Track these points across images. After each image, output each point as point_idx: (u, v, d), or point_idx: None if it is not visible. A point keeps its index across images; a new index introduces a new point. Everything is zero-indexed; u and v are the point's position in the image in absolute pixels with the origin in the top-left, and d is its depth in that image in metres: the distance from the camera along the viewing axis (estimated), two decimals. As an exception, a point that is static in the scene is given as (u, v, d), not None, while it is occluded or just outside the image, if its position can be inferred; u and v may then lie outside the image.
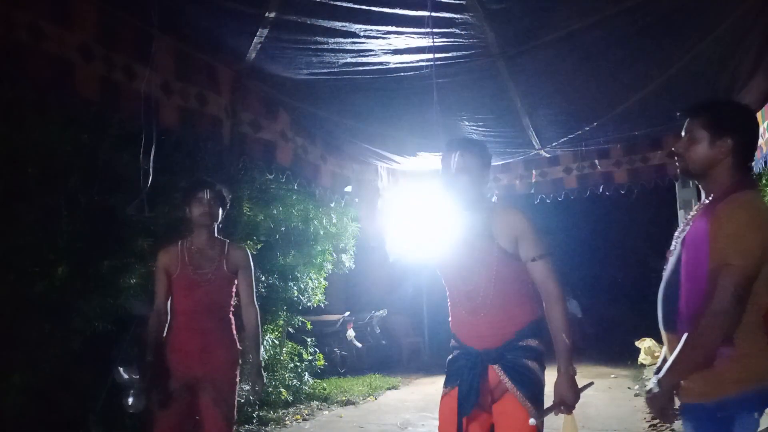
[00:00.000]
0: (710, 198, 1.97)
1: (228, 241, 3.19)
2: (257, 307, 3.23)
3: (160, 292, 3.02)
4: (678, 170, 2.07)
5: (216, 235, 3.14)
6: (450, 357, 2.51)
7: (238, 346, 3.16)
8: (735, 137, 1.93)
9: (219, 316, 3.05)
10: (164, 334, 2.98)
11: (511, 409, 2.23)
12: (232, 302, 3.16)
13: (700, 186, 2.04)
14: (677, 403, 1.95)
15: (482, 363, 2.31)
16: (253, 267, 3.24)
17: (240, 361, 3.17)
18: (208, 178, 3.24)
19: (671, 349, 1.93)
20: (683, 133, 2.03)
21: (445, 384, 2.48)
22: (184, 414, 2.94)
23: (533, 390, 2.25)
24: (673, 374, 1.88)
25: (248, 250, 3.32)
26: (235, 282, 3.14)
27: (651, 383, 1.93)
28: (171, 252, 3.05)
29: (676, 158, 2.07)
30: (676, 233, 2.04)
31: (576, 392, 2.19)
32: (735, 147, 1.93)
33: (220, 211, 3.11)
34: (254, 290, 3.24)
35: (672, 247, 2.02)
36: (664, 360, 2.03)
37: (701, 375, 1.83)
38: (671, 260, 2.00)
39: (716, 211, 1.86)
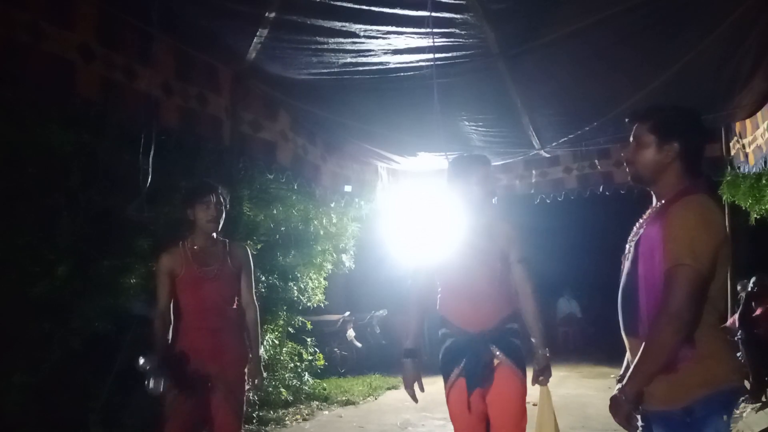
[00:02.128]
0: (662, 202, 1.95)
1: (227, 240, 3.20)
2: (257, 304, 3.24)
3: (162, 294, 2.99)
4: (629, 177, 2.06)
5: (216, 235, 3.14)
6: (445, 346, 2.86)
7: (246, 343, 3.17)
8: (681, 141, 1.91)
9: (227, 314, 3.06)
10: (170, 336, 2.98)
11: (507, 377, 2.73)
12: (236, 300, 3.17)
13: (652, 192, 2.02)
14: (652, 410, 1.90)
15: (484, 343, 2.74)
16: (252, 265, 3.26)
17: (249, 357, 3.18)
18: (212, 181, 3.22)
19: (634, 355, 1.91)
20: (631, 139, 2.01)
21: (447, 373, 2.81)
22: (194, 413, 2.95)
23: (520, 360, 2.78)
24: (636, 381, 1.84)
25: (248, 248, 3.33)
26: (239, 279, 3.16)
27: (616, 391, 1.90)
28: (173, 253, 3.03)
29: (625, 165, 2.05)
30: (630, 237, 2.02)
31: (549, 368, 2.81)
32: (682, 151, 1.91)
33: (223, 213, 3.11)
34: (254, 288, 3.25)
35: (626, 251, 2.00)
36: (627, 367, 2.00)
37: (666, 380, 1.80)
38: (626, 264, 1.98)
39: (668, 213, 1.84)
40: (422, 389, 2.89)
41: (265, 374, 6.33)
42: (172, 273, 2.98)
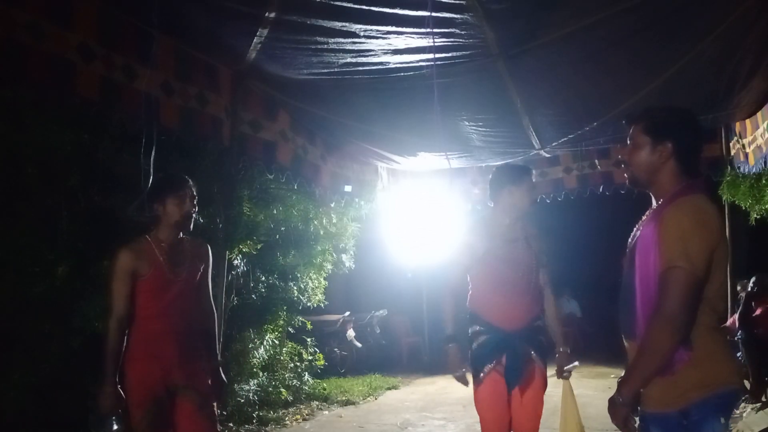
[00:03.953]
0: (659, 203, 1.95)
1: (188, 237, 2.89)
2: (215, 308, 3.01)
3: (121, 299, 2.62)
4: (626, 180, 2.07)
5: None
6: (477, 343, 3.00)
7: (213, 348, 2.96)
8: (674, 141, 1.91)
9: (194, 318, 2.80)
10: (127, 344, 2.67)
11: (534, 371, 2.98)
12: None
13: (650, 193, 2.02)
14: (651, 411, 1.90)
15: (519, 340, 2.95)
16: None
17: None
18: (185, 175, 2.90)
19: (632, 357, 1.91)
20: (627, 141, 2.03)
21: (479, 367, 2.96)
22: (166, 424, 2.71)
23: (545, 356, 3.03)
24: (632, 383, 1.84)
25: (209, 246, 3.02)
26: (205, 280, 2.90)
27: (614, 393, 1.89)
28: (138, 250, 2.68)
29: (622, 167, 2.07)
30: (630, 239, 2.02)
31: (571, 362, 3.07)
32: (675, 151, 1.91)
33: (196, 209, 2.86)
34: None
35: (626, 254, 2.00)
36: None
37: (663, 382, 1.80)
38: (626, 267, 1.98)
39: (663, 215, 1.84)
40: (466, 372, 3.08)
41: (264, 374, 6.39)
42: (135, 273, 2.64)
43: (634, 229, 2.02)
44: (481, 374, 2.94)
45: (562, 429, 2.97)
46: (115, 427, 2.55)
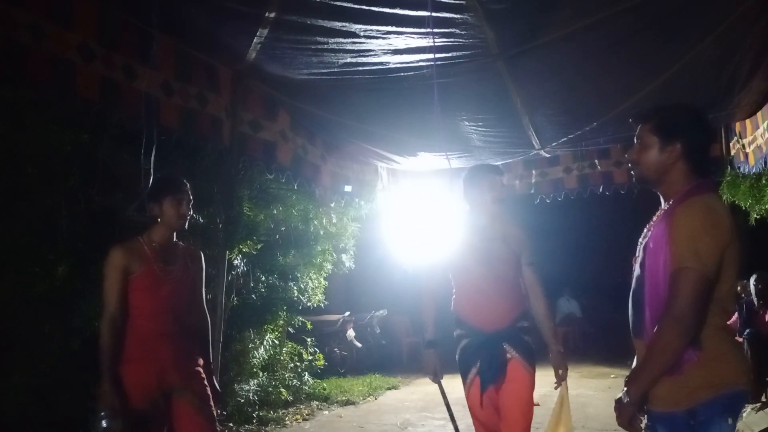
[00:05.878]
0: (669, 203, 1.94)
1: (181, 241, 2.91)
2: (207, 314, 3.00)
3: (114, 295, 2.62)
4: (634, 179, 2.06)
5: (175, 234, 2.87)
6: (461, 347, 2.99)
7: (207, 351, 2.96)
8: (684, 141, 1.90)
9: (185, 320, 2.79)
10: (122, 346, 2.67)
11: (517, 370, 2.90)
12: None
13: (659, 193, 2.00)
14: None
15: (498, 341, 2.90)
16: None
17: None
18: (182, 176, 2.90)
19: (640, 357, 1.91)
20: (635, 140, 2.01)
21: (465, 373, 2.96)
22: (161, 426, 2.70)
23: (530, 356, 2.95)
24: (640, 383, 1.84)
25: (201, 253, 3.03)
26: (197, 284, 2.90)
27: (622, 393, 1.90)
28: (129, 247, 2.70)
29: (630, 166, 2.05)
30: (640, 239, 2.01)
31: (565, 362, 3.01)
32: (685, 151, 1.90)
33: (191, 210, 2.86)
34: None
35: (637, 254, 1.99)
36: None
37: (670, 382, 1.80)
38: (636, 267, 1.97)
39: (673, 215, 1.83)
40: (441, 377, 3.08)
41: (264, 374, 6.39)
42: (127, 270, 2.65)
43: (645, 228, 2.00)
44: (468, 377, 2.95)
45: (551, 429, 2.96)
46: (106, 424, 2.54)
